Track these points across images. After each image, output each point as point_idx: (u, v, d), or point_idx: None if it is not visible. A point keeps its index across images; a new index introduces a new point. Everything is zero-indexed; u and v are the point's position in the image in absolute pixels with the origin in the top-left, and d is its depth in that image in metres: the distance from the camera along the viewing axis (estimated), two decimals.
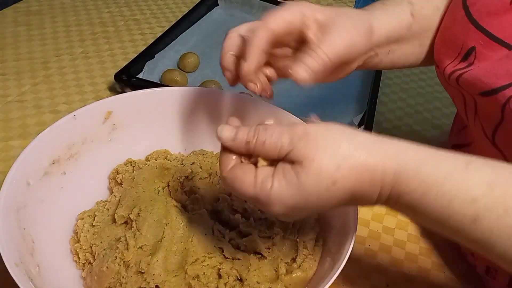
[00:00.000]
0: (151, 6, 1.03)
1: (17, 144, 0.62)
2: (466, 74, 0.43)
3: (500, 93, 0.39)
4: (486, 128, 0.43)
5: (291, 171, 0.31)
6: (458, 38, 0.44)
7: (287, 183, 0.31)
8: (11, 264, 0.35)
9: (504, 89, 0.39)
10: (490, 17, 0.42)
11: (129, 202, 0.47)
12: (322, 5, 0.41)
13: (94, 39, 0.88)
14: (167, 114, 0.55)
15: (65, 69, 0.78)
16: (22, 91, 0.72)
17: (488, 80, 0.40)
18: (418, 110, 0.79)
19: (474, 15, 0.43)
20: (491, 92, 0.40)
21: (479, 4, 0.43)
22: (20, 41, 0.84)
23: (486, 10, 0.42)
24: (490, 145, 0.43)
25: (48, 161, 0.46)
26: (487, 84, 0.40)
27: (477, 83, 0.41)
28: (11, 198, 0.40)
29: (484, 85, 0.40)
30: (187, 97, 0.54)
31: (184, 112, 0.55)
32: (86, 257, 0.45)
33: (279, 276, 0.43)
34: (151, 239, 0.44)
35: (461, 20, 0.44)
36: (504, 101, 0.38)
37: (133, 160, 0.53)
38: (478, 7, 0.43)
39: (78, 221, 0.47)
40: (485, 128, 0.44)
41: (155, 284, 0.41)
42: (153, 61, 0.78)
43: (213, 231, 0.46)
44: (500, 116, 0.40)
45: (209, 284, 0.42)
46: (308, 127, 0.32)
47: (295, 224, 0.48)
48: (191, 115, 0.55)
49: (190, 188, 0.49)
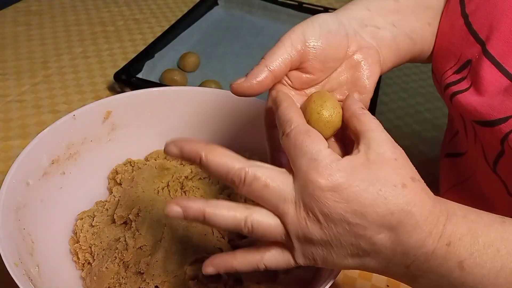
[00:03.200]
0: (151, 5, 1.02)
1: (17, 144, 0.62)
2: (460, 96, 0.41)
3: (497, 126, 0.37)
4: (486, 154, 0.42)
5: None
6: (456, 47, 0.42)
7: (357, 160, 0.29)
8: (11, 264, 0.35)
9: (501, 122, 0.37)
10: (492, 32, 0.39)
11: (129, 202, 0.47)
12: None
13: (94, 38, 0.88)
14: (167, 114, 0.55)
15: (65, 69, 0.78)
16: (21, 91, 0.72)
17: (483, 111, 0.38)
18: (419, 110, 0.79)
19: (474, 25, 0.41)
20: (488, 124, 0.38)
21: (479, 14, 0.41)
22: (20, 41, 0.84)
23: (488, 23, 0.40)
24: (487, 167, 0.42)
25: (48, 161, 0.46)
26: (482, 114, 0.38)
27: (472, 111, 0.40)
28: (10, 198, 0.40)
29: (479, 115, 0.39)
30: (187, 97, 0.54)
31: (184, 112, 0.55)
32: (85, 257, 0.45)
33: (279, 276, 0.43)
34: (151, 240, 0.44)
35: (459, 29, 0.42)
36: (502, 136, 0.37)
37: (133, 160, 0.53)
38: (479, 16, 0.41)
39: (78, 221, 0.47)
40: (485, 153, 0.42)
41: (154, 285, 0.41)
42: (152, 61, 0.78)
43: (212, 232, 0.46)
44: (500, 148, 0.38)
45: (209, 285, 0.42)
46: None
47: None
48: (191, 115, 0.55)
49: (190, 188, 0.49)
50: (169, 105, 0.54)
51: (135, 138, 0.54)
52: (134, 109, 0.53)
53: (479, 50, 0.40)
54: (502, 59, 0.38)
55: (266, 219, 0.30)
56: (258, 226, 0.30)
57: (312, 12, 0.98)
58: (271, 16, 1.00)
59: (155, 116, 0.54)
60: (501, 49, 0.38)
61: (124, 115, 0.52)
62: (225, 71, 0.82)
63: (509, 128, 0.36)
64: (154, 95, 0.54)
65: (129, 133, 0.53)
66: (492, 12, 0.40)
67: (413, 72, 0.90)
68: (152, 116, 0.54)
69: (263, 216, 0.30)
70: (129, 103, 0.52)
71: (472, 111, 0.39)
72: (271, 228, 0.30)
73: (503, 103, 0.37)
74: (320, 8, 0.98)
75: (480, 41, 0.40)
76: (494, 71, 0.38)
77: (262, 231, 0.30)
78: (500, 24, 0.39)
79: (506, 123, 0.36)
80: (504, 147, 0.38)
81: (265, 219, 0.30)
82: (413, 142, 0.72)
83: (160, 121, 0.54)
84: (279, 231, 0.30)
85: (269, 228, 0.30)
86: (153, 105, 0.54)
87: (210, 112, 0.55)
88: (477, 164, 0.44)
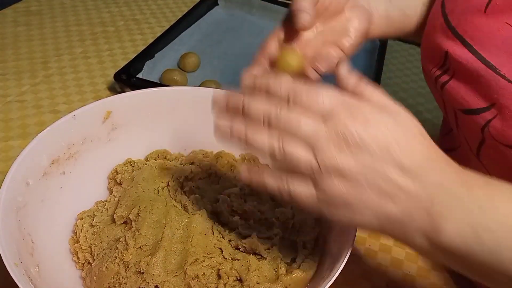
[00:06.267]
0: (151, 6, 1.03)
1: (17, 144, 0.62)
2: (448, 85, 0.43)
3: (480, 114, 0.39)
4: (470, 143, 0.44)
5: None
6: (439, 45, 0.44)
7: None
8: (11, 264, 0.35)
9: (483, 111, 0.39)
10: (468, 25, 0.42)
11: (129, 202, 0.47)
12: None
13: (94, 39, 0.88)
14: (167, 114, 0.55)
15: (65, 69, 0.78)
16: (22, 91, 0.72)
17: (470, 98, 0.40)
18: (419, 110, 0.79)
19: (453, 22, 0.43)
20: (471, 112, 0.40)
21: (457, 11, 0.43)
22: (20, 41, 0.84)
23: (464, 17, 0.43)
24: (475, 158, 0.43)
25: (48, 161, 0.46)
26: (468, 103, 0.41)
27: (459, 100, 0.42)
28: (10, 198, 0.40)
29: (466, 103, 0.41)
30: (187, 97, 0.54)
31: (184, 112, 0.55)
32: (85, 257, 0.45)
33: (279, 276, 0.43)
34: (151, 239, 0.44)
35: (440, 27, 0.45)
36: (484, 124, 0.39)
37: (133, 160, 0.53)
38: (457, 14, 0.43)
39: (78, 221, 0.47)
40: (469, 142, 0.44)
41: (154, 284, 0.41)
42: (152, 61, 0.78)
43: (212, 232, 0.46)
44: (481, 137, 0.40)
45: (209, 285, 0.42)
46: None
47: (295, 224, 0.48)
48: (191, 115, 0.55)
49: (189, 188, 0.49)
50: (169, 105, 0.54)
51: (135, 138, 0.54)
52: (134, 109, 0.53)
53: (456, 42, 0.42)
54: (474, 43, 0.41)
55: (299, 149, 0.31)
56: (292, 152, 0.31)
57: None
58: (271, 16, 1.00)
59: (155, 116, 0.54)
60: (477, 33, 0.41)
61: (124, 115, 0.52)
62: (225, 71, 0.82)
63: (490, 116, 0.38)
64: (154, 95, 0.54)
65: (129, 133, 0.53)
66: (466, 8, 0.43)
67: (413, 72, 0.90)
68: (152, 116, 0.54)
69: (296, 145, 0.31)
70: (129, 103, 0.52)
71: (460, 100, 0.42)
72: (302, 158, 0.31)
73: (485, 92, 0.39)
74: None
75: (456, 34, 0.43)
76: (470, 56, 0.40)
77: (291, 157, 0.31)
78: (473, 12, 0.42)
79: (489, 111, 0.38)
80: (484, 136, 0.40)
81: (298, 149, 0.31)
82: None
83: (160, 121, 0.55)
84: (309, 162, 0.31)
85: (300, 157, 0.31)
86: (153, 105, 0.54)
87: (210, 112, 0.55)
88: (468, 156, 0.46)
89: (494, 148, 0.39)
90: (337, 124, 0.30)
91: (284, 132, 0.32)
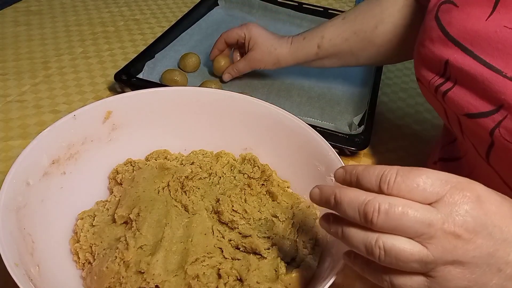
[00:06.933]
0: (151, 6, 1.03)
1: (17, 144, 0.62)
2: (450, 92, 0.43)
3: (489, 117, 0.39)
4: (478, 148, 0.44)
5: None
6: (438, 55, 0.45)
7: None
8: (11, 264, 0.35)
9: (491, 114, 0.39)
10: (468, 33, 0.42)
11: (129, 202, 0.47)
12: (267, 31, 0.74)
13: (94, 39, 0.88)
14: (167, 114, 0.55)
15: (65, 69, 0.78)
16: (22, 91, 0.72)
17: (475, 102, 0.41)
18: (418, 110, 0.79)
19: (452, 33, 0.43)
20: (479, 115, 0.40)
21: (454, 22, 0.44)
22: (20, 41, 0.84)
23: (463, 26, 0.43)
24: (484, 163, 0.43)
25: (48, 161, 0.46)
26: (474, 107, 0.41)
27: (464, 104, 0.42)
28: (11, 198, 0.40)
29: (473, 107, 0.41)
30: (187, 97, 0.54)
31: (184, 112, 0.55)
32: (86, 257, 0.45)
33: (279, 276, 0.43)
34: (151, 239, 0.44)
35: (437, 39, 0.45)
36: (493, 126, 0.39)
37: (133, 160, 0.53)
38: (455, 24, 0.44)
39: (78, 221, 0.47)
40: (476, 147, 0.44)
41: (155, 284, 0.41)
42: (153, 61, 0.79)
43: (212, 231, 0.46)
44: (490, 140, 0.40)
45: (209, 284, 0.42)
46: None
47: (294, 224, 0.48)
48: (191, 115, 0.55)
49: (190, 188, 0.49)
50: (169, 105, 0.54)
51: (135, 138, 0.54)
52: (135, 109, 0.53)
53: (457, 51, 0.42)
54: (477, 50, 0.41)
55: (402, 243, 0.29)
56: (392, 248, 0.29)
57: (312, 12, 0.98)
58: (271, 16, 1.00)
59: (155, 116, 0.54)
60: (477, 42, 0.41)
61: (124, 115, 0.52)
62: None
63: (500, 118, 0.38)
64: (154, 95, 0.54)
65: (130, 133, 0.53)
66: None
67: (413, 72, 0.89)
68: (152, 116, 0.54)
69: (397, 240, 0.29)
70: (129, 103, 0.52)
71: (465, 104, 0.42)
72: (406, 253, 0.29)
73: (491, 95, 0.39)
74: (320, 8, 0.98)
75: (456, 43, 0.43)
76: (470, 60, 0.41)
77: (396, 254, 0.29)
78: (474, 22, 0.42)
79: (498, 113, 0.38)
80: (493, 138, 0.39)
81: (401, 243, 0.29)
82: (413, 142, 0.72)
83: (160, 121, 0.55)
84: (418, 256, 0.29)
85: (404, 252, 0.29)
86: (153, 105, 0.54)
87: (210, 112, 0.55)
88: (475, 163, 0.45)
89: (505, 150, 0.39)
90: (452, 212, 0.28)
91: (384, 227, 0.29)
